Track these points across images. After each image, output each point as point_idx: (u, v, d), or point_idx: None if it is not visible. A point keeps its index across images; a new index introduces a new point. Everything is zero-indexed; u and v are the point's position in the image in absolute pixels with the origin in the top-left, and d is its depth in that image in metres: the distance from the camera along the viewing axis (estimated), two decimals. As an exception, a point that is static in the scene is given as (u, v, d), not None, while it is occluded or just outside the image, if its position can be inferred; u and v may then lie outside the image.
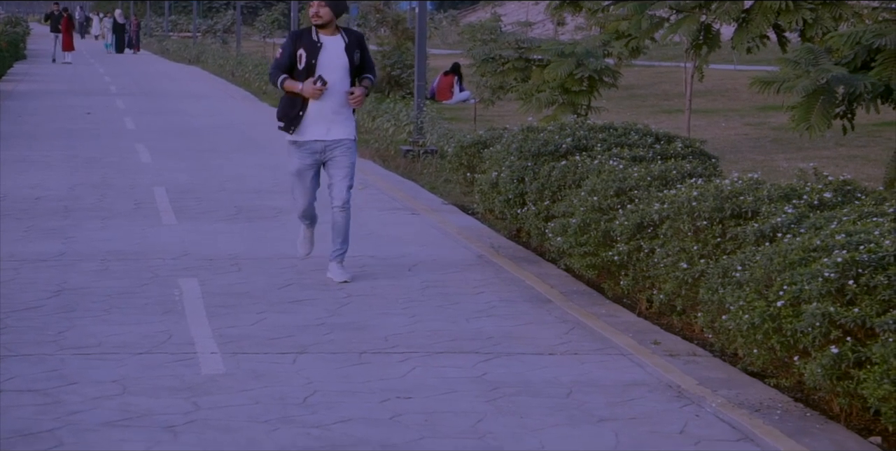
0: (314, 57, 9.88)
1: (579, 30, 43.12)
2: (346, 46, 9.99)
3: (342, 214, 10.03)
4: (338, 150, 10.00)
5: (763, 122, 23.11)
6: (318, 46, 9.90)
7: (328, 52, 9.92)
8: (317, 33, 9.96)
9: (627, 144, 11.04)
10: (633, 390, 7.35)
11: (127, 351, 7.98)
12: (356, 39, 10.05)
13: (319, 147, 10.00)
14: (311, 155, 10.03)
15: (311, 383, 7.36)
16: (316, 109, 9.93)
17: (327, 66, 9.88)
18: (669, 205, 8.71)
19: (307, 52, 9.89)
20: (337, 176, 10.01)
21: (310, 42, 9.92)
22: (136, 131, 22.45)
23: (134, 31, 61.65)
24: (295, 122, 9.97)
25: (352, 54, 9.99)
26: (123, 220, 12.98)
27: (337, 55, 9.95)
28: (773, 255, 7.18)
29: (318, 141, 9.98)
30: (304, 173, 10.09)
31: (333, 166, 10.02)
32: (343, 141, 9.99)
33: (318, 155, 10.02)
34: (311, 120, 9.96)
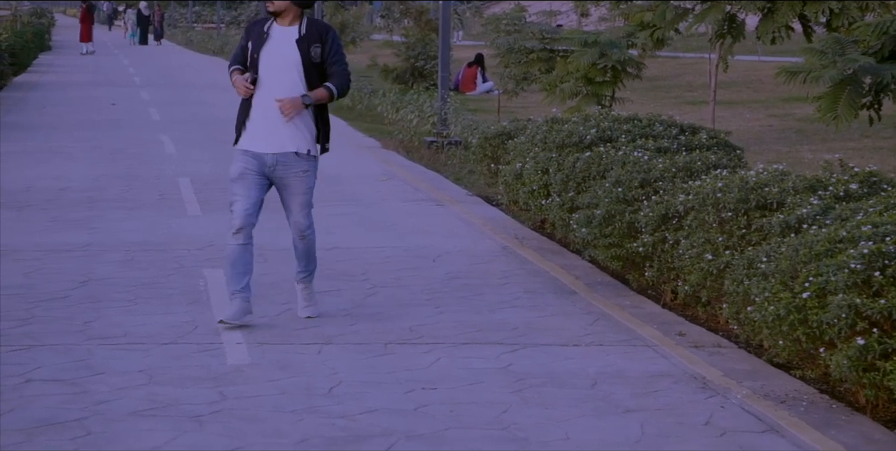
0: (257, 50, 8.29)
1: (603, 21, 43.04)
2: (299, 39, 8.26)
3: (303, 241, 8.57)
4: (290, 170, 8.34)
5: (788, 113, 23.04)
6: (263, 38, 8.32)
7: (274, 45, 8.29)
8: (271, 23, 8.40)
9: (652, 135, 11.02)
10: (658, 381, 7.35)
11: (153, 341, 8.01)
12: (317, 32, 8.30)
13: (270, 160, 8.35)
14: (256, 160, 8.37)
15: (337, 373, 7.37)
16: (260, 115, 8.31)
17: (270, 62, 8.26)
18: (694, 196, 8.70)
19: (253, 44, 8.35)
20: (293, 204, 8.48)
21: (259, 33, 8.36)
22: (160, 122, 22.50)
23: (158, 23, 61.76)
24: (239, 131, 8.44)
25: (307, 49, 8.25)
26: (148, 211, 13.02)
27: (285, 49, 8.27)
28: (798, 246, 7.16)
29: (266, 154, 8.35)
30: (247, 176, 8.37)
31: (287, 193, 8.44)
32: (296, 159, 8.34)
33: (266, 168, 8.37)
34: (257, 128, 8.34)
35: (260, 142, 8.31)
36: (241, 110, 8.42)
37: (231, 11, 72.62)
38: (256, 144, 8.32)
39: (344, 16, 40.16)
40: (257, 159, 8.33)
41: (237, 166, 8.37)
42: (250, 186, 8.32)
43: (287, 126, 8.28)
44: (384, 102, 24.47)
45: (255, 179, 8.33)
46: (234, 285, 8.24)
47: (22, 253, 10.68)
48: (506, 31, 23.77)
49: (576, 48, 17.60)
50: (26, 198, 13.66)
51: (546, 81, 18.46)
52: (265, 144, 8.30)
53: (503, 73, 22.07)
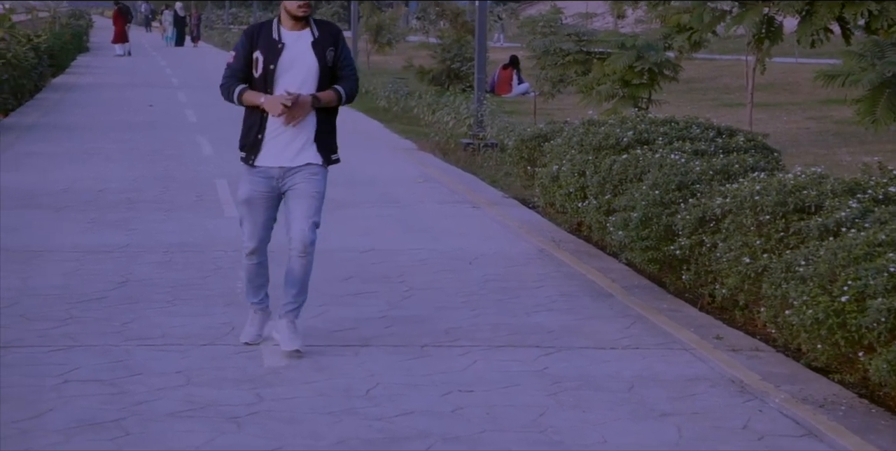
0: (273, 61, 7.59)
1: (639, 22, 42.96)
2: (314, 42, 7.65)
3: (302, 261, 7.75)
4: (299, 175, 7.71)
5: (825, 115, 22.94)
6: (278, 47, 7.62)
7: (291, 52, 7.63)
8: (278, 28, 7.67)
9: (689, 137, 10.99)
10: (695, 384, 7.33)
11: (190, 342, 8.04)
12: (330, 34, 7.71)
13: (276, 173, 7.73)
14: (265, 180, 7.74)
15: (374, 375, 7.38)
16: (276, 129, 7.69)
17: (291, 72, 7.62)
18: (732, 199, 8.67)
19: (264, 54, 7.62)
20: (297, 210, 7.70)
21: (269, 41, 7.62)
22: (197, 124, 22.59)
23: (195, 24, 62.00)
24: (254, 149, 7.73)
25: (323, 53, 7.65)
26: (186, 212, 13.07)
27: (303, 56, 7.64)
28: (837, 250, 7.13)
29: (275, 167, 7.74)
30: (254, 203, 7.77)
31: (293, 197, 7.72)
32: (309, 166, 7.75)
33: (273, 181, 7.73)
34: (272, 144, 7.73)
35: (276, 157, 7.71)
36: (252, 124, 7.73)
37: (267, 12, 72.81)
38: (268, 158, 7.72)
39: (380, 17, 40.21)
40: (265, 177, 7.73)
41: (245, 189, 7.77)
42: (258, 210, 7.78)
43: (300, 138, 7.69)
44: (420, 103, 24.49)
45: (263, 203, 7.77)
46: (252, 296, 8.03)
47: (61, 254, 10.74)
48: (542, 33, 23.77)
49: (612, 50, 17.59)
50: (65, 199, 13.73)
51: (582, 83, 18.45)
52: (276, 158, 7.71)
53: (539, 76, 22.07)
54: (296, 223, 7.70)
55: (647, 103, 17.44)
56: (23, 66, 25.81)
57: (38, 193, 14.09)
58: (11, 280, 9.68)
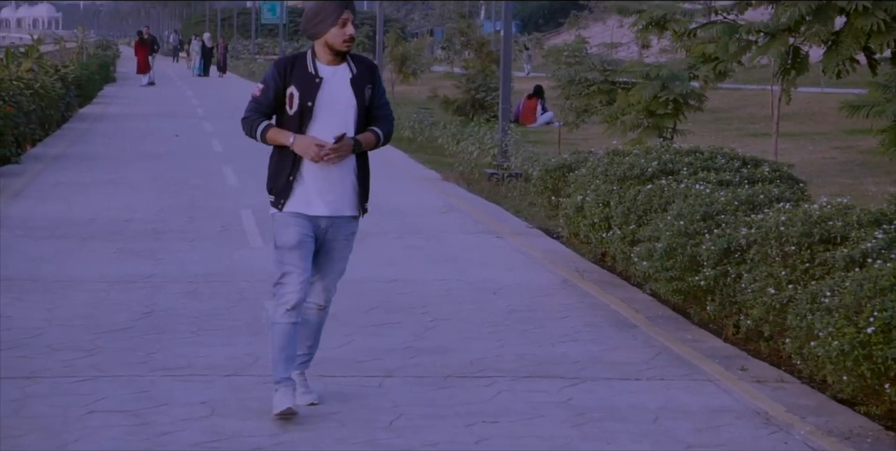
0: (311, 97, 6.92)
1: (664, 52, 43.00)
2: (354, 79, 7.00)
3: (322, 314, 7.34)
4: (340, 234, 7.11)
5: (851, 145, 22.89)
6: (316, 82, 6.94)
7: (331, 88, 6.95)
8: (314, 62, 7.00)
9: (714, 168, 10.98)
10: (720, 416, 7.30)
11: (215, 373, 8.05)
12: (368, 70, 7.07)
13: (324, 224, 7.07)
14: (310, 223, 7.05)
15: (398, 406, 7.38)
16: (314, 172, 6.99)
17: (329, 110, 6.96)
18: (757, 230, 8.66)
19: (301, 89, 6.92)
20: (329, 270, 7.21)
21: (304, 75, 6.95)
22: (223, 154, 22.67)
23: (221, 54, 62.28)
24: (284, 193, 7.03)
25: (361, 91, 7.01)
26: (211, 242, 13.10)
27: (342, 93, 6.98)
28: (863, 281, 7.11)
29: (320, 217, 7.06)
30: (304, 246, 7.01)
31: (327, 257, 7.16)
32: (348, 221, 7.14)
33: (321, 231, 7.10)
34: (309, 188, 7.02)
35: (315, 204, 7.00)
36: (283, 165, 7.05)
37: (293, 43, 73.16)
38: (311, 206, 7.00)
39: (405, 47, 40.38)
40: (312, 223, 7.02)
41: (293, 232, 6.96)
42: (308, 256, 6.99)
43: (342, 183, 7.05)
44: (445, 133, 24.54)
45: (311, 247, 7.03)
46: (280, 372, 7.02)
47: (87, 284, 10.78)
48: (567, 63, 23.83)
49: (637, 80, 17.61)
50: (91, 229, 13.78)
51: (607, 112, 18.47)
52: (321, 206, 7.01)
53: (564, 105, 22.10)
54: (323, 282, 7.21)
55: (671, 133, 17.44)
56: (50, 97, 25.97)
57: (64, 222, 14.16)
58: (38, 310, 9.71)
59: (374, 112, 7.10)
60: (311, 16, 6.96)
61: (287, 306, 6.95)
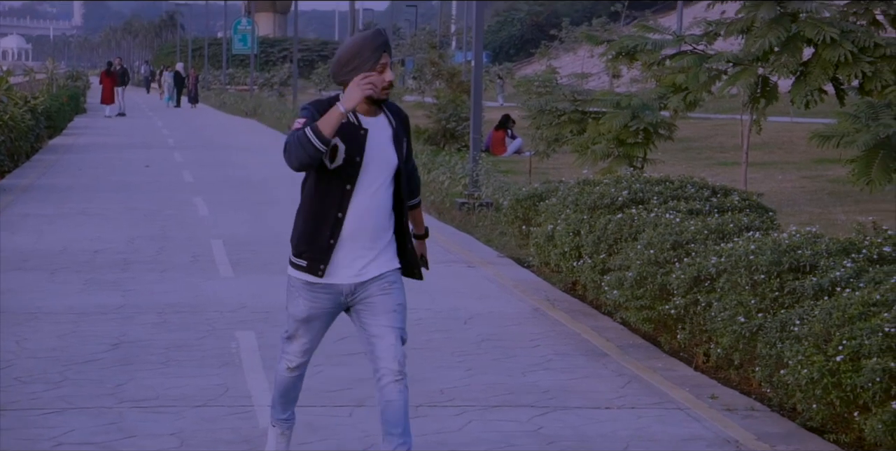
0: (359, 152, 6.05)
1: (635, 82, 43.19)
2: (395, 134, 6.21)
3: (399, 386, 6.14)
4: (374, 287, 6.17)
5: (820, 174, 23.01)
6: (361, 134, 6.08)
7: (375, 142, 6.12)
8: (354, 111, 6.12)
9: (684, 197, 11.02)
10: (690, 444, 7.30)
11: (184, 404, 8.02)
12: (402, 122, 6.29)
13: (347, 289, 6.18)
14: (330, 296, 6.21)
15: (368, 436, 7.36)
16: (353, 231, 6.12)
17: (374, 167, 6.11)
18: (726, 258, 8.68)
19: (346, 141, 6.03)
20: (379, 325, 6.16)
21: (346, 125, 6.03)
22: (193, 184, 22.63)
23: (193, 85, 62.22)
24: (323, 257, 6.13)
25: (401, 146, 6.24)
26: (181, 273, 13.06)
27: (385, 149, 6.15)
28: (831, 309, 7.13)
29: (343, 284, 6.17)
30: (314, 320, 6.29)
31: (369, 313, 6.17)
32: (384, 275, 6.20)
33: (341, 297, 6.20)
34: (343, 254, 6.14)
35: (343, 268, 6.14)
36: (320, 223, 6.13)
37: (264, 73, 73.21)
38: (337, 271, 6.14)
39: (376, 78, 40.39)
40: (331, 293, 6.18)
41: (303, 307, 6.22)
42: (317, 327, 6.32)
43: (380, 242, 6.18)
44: (416, 163, 24.55)
45: (324, 319, 6.30)
46: (280, 412, 6.58)
47: (56, 316, 10.73)
48: (537, 93, 23.87)
49: (608, 110, 17.66)
50: (60, 260, 13.73)
51: (578, 142, 18.51)
52: (348, 271, 6.15)
53: (535, 135, 22.13)
54: (382, 340, 6.13)
55: (642, 163, 17.49)
56: (20, 128, 25.88)
57: (33, 254, 14.10)
58: (6, 342, 9.66)
59: (408, 165, 6.32)
60: (345, 60, 6.03)
61: (290, 364, 6.40)
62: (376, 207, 6.11)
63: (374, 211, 6.11)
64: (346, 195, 6.07)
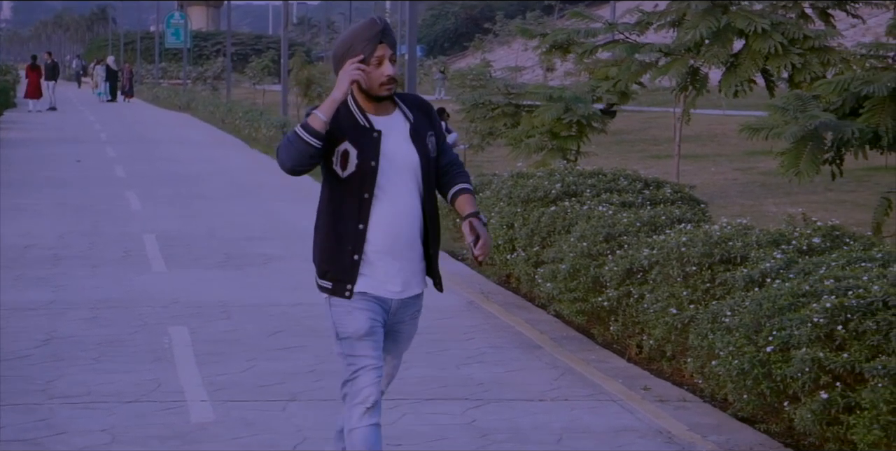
0: (373, 156, 5.50)
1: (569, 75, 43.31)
2: (413, 131, 5.60)
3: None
4: (407, 314, 5.71)
5: (752, 167, 23.18)
6: (374, 136, 5.52)
7: (390, 144, 5.53)
8: (361, 112, 5.55)
9: (617, 189, 11.07)
10: (623, 436, 7.34)
11: (116, 400, 7.96)
12: (423, 113, 5.68)
13: (395, 305, 5.63)
14: (381, 310, 5.60)
15: (301, 430, 7.34)
16: (381, 246, 5.54)
17: (393, 170, 5.53)
18: (658, 250, 8.73)
19: (358, 146, 5.48)
20: (393, 351, 5.83)
21: (357, 128, 5.51)
22: (126, 179, 22.47)
23: (127, 79, 61.69)
24: (349, 275, 5.54)
25: (424, 143, 5.61)
26: (113, 268, 12.96)
27: (402, 150, 5.56)
28: (762, 300, 7.19)
29: (391, 299, 5.61)
30: (376, 334, 5.59)
31: (395, 339, 5.77)
32: (415, 299, 5.69)
33: (387, 313, 5.63)
34: (377, 265, 5.55)
35: (385, 283, 5.57)
36: (342, 238, 5.57)
37: (197, 67, 72.80)
38: (381, 285, 5.56)
39: (311, 71, 40.26)
40: (381, 305, 5.59)
41: (362, 319, 5.53)
42: (380, 343, 5.62)
43: (413, 254, 5.61)
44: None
45: (382, 334, 5.64)
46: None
47: (-15, 311, 10.62)
48: (471, 87, 23.90)
49: (541, 103, 17.70)
50: (-10, 255, 13.58)
51: (511, 135, 18.53)
52: (392, 286, 5.58)
53: (469, 128, 22.15)
54: (387, 366, 5.78)
55: (575, 155, 17.55)
56: (-51, 122, 25.56)
57: (-38, 249, 13.94)
58: (-66, 338, 9.55)
59: (443, 159, 5.70)
60: (340, 55, 5.52)
61: (367, 404, 5.53)
62: (404, 215, 5.52)
63: (402, 218, 5.52)
64: (366, 205, 5.48)
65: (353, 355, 5.55)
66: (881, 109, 11.72)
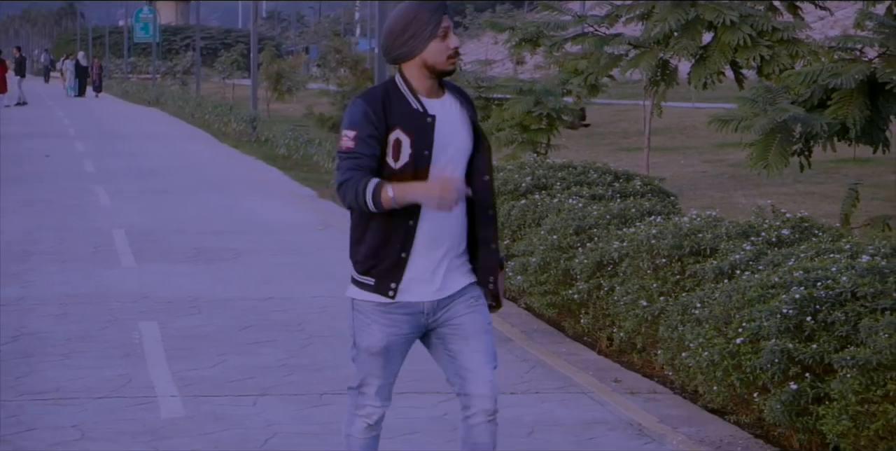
0: (427, 144, 5.07)
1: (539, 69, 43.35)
2: (465, 115, 5.22)
3: (491, 427, 5.36)
4: (459, 304, 5.23)
5: (721, 159, 23.23)
6: (428, 122, 5.09)
7: (443, 129, 5.12)
8: (413, 94, 5.13)
9: (587, 182, 11.09)
10: (594, 428, 7.35)
11: (86, 396, 7.93)
12: (468, 101, 5.27)
13: (428, 307, 5.20)
14: (409, 318, 5.22)
15: (272, 425, 7.32)
16: (429, 241, 5.14)
17: (449, 155, 5.14)
18: (629, 243, 8.74)
19: (411, 133, 5.06)
20: (472, 354, 5.27)
21: (409, 114, 5.09)
22: (95, 174, 22.38)
23: (96, 74, 61.40)
24: (395, 274, 5.16)
25: (474, 130, 5.23)
26: (82, 263, 12.91)
27: (456, 135, 5.17)
28: (731, 292, 7.21)
29: (425, 302, 5.19)
30: (392, 351, 5.30)
31: (458, 337, 5.25)
32: (466, 289, 5.23)
33: (422, 318, 5.22)
34: (421, 267, 5.17)
35: (423, 284, 5.18)
36: (392, 235, 5.14)
37: (167, 62, 72.59)
38: (417, 287, 5.18)
39: (280, 65, 40.16)
40: (410, 314, 5.21)
41: (379, 334, 5.24)
42: (394, 361, 5.35)
43: (459, 251, 5.21)
44: (320, 151, 24.45)
45: (402, 349, 5.33)
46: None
47: (-47, 307, 10.56)
48: (441, 80, 23.83)
49: (511, 96, 17.71)
50: (-42, 251, 13.52)
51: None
52: (425, 289, 5.18)
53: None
54: (477, 374, 5.27)
55: (545, 148, 17.56)
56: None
57: (-69, 245, 13.86)
58: None
59: (477, 156, 5.21)
60: (398, 30, 5.08)
61: (368, 420, 5.41)
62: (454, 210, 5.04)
63: (450, 214, 5.07)
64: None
65: (362, 367, 5.38)
66: (849, 101, 11.75)
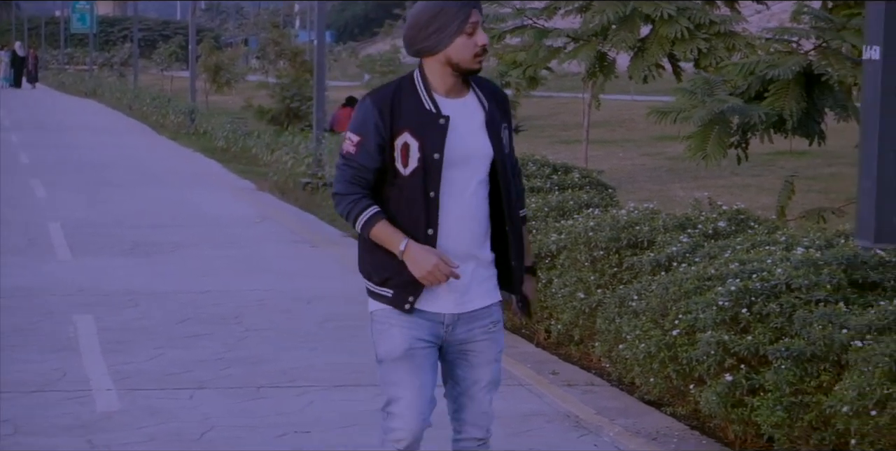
0: (438, 147, 4.71)
1: (478, 61, 43.38)
2: (489, 119, 4.80)
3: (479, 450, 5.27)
4: (475, 327, 4.89)
5: (660, 152, 23.35)
6: (440, 123, 4.72)
7: (460, 132, 4.75)
8: (428, 93, 4.76)
9: (525, 174, 11.08)
10: (531, 420, 7.36)
11: (20, 390, 7.85)
12: (499, 102, 4.86)
13: (449, 319, 4.85)
14: (431, 324, 4.85)
15: (209, 418, 7.28)
16: (447, 251, 4.75)
17: (464, 164, 4.77)
18: (566, 235, 8.76)
19: (420, 136, 4.70)
20: (474, 382, 5.08)
21: (420, 114, 4.73)
22: (30, 166, 22.17)
23: (32, 65, 60.84)
24: (415, 285, 4.77)
25: (498, 134, 4.82)
26: (17, 256, 12.79)
27: (474, 139, 4.77)
28: (668, 284, 7.24)
29: (444, 313, 4.84)
30: (417, 356, 4.88)
31: (467, 363, 5.00)
32: (490, 310, 4.92)
33: (442, 328, 4.86)
34: None
35: (438, 300, 4.83)
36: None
37: (104, 53, 72.03)
38: (436, 299, 4.83)
39: (219, 57, 39.95)
40: (430, 321, 4.85)
41: (400, 337, 4.86)
42: (423, 369, 4.91)
43: (478, 267, 4.86)
44: (259, 143, 24.36)
45: (428, 356, 4.90)
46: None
47: None
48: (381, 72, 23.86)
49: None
50: None
51: (421, 121, 18.52)
52: (444, 302, 4.84)
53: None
54: (474, 405, 5.18)
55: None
56: None
57: None
58: None
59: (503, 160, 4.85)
60: (424, 21, 4.69)
61: (398, 446, 5.00)
62: (471, 218, 4.76)
63: (469, 222, 4.76)
64: (433, 205, 4.69)
65: (388, 382, 4.94)
66: (785, 92, 11.81)
